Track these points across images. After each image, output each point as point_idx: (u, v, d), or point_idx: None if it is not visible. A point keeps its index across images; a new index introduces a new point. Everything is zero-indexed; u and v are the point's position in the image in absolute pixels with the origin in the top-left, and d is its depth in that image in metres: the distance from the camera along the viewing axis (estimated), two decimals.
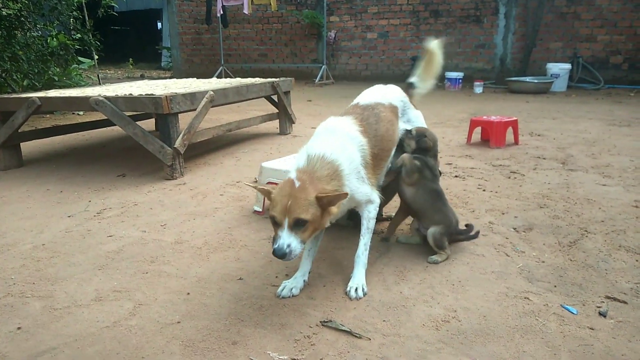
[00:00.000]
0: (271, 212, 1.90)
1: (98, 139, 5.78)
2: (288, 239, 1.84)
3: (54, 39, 8.15)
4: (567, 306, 2.00)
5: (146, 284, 2.25)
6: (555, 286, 2.18)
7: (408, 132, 2.63)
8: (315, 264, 2.31)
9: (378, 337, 1.82)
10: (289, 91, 5.84)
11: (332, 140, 2.14)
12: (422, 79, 3.02)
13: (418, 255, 2.50)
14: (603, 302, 2.03)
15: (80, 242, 2.76)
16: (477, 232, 2.62)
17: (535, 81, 9.94)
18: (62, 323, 1.95)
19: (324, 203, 1.87)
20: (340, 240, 2.71)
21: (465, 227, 2.63)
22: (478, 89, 10.17)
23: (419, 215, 2.59)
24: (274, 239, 1.87)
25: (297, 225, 1.85)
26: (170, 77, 9.11)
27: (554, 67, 10.26)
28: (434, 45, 2.96)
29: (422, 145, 2.59)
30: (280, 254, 1.83)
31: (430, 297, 2.11)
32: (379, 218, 2.96)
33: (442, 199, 2.57)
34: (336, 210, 1.96)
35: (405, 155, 2.57)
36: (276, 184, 2.69)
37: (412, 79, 3.00)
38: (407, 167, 2.52)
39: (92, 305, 2.08)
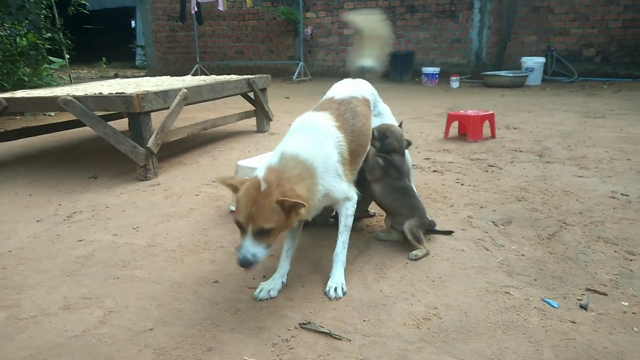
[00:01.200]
0: (235, 217, 1.84)
1: (69, 141, 5.62)
2: (252, 248, 1.79)
3: (24, 39, 7.92)
4: (548, 300, 1.99)
5: (117, 290, 2.16)
6: (535, 280, 2.16)
7: (372, 132, 2.59)
8: (294, 264, 2.25)
9: (358, 337, 1.78)
10: (266, 88, 5.76)
11: (308, 138, 2.08)
12: (374, 58, 2.97)
13: (398, 252, 2.46)
14: (584, 294, 2.02)
15: (48, 247, 2.65)
16: (451, 231, 2.66)
17: (511, 75, 10.03)
18: (28, 334, 1.86)
19: (285, 207, 1.80)
20: (319, 239, 2.65)
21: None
22: (454, 83, 10.21)
23: (391, 212, 2.57)
24: (238, 247, 1.81)
25: (261, 233, 1.80)
26: (145, 76, 8.93)
27: (529, 61, 10.36)
28: (365, 19, 2.92)
29: (386, 148, 2.56)
30: (246, 264, 1.78)
31: (410, 294, 2.07)
32: (365, 215, 2.92)
33: (411, 194, 2.56)
34: (304, 212, 1.89)
35: (370, 150, 2.55)
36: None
37: (368, 62, 2.95)
38: (369, 164, 2.49)
39: (60, 313, 1.99)
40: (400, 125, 2.70)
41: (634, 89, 8.95)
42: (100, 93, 3.92)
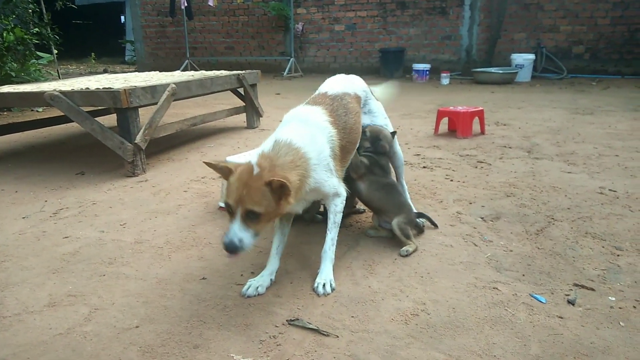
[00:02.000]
0: (226, 199, 1.82)
1: (57, 136, 5.56)
2: (240, 233, 1.77)
3: (11, 33, 7.81)
4: (535, 295, 1.99)
5: (103, 287, 2.14)
6: (523, 275, 2.16)
7: (362, 132, 2.59)
8: (282, 260, 2.23)
9: (346, 334, 1.77)
10: (256, 84, 5.73)
11: (302, 129, 2.08)
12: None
13: (386, 248, 2.46)
14: (571, 289, 2.03)
15: (34, 244, 2.62)
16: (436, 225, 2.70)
17: (500, 72, 10.06)
18: (12, 332, 1.83)
19: (274, 189, 1.77)
20: (308, 235, 2.64)
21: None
22: (445, 80, 10.23)
23: (378, 211, 2.56)
24: (226, 231, 1.79)
25: (250, 217, 1.78)
26: (134, 72, 8.86)
27: (519, 58, 10.40)
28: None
29: (378, 150, 2.60)
30: (231, 249, 1.76)
31: (399, 290, 2.07)
32: (352, 210, 2.91)
33: (397, 190, 2.58)
34: (293, 200, 1.87)
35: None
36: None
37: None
38: (353, 162, 2.49)
39: (45, 311, 1.97)
40: (393, 135, 2.72)
41: (622, 86, 9.01)
42: (87, 88, 3.87)
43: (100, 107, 4.85)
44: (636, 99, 7.38)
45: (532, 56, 10.43)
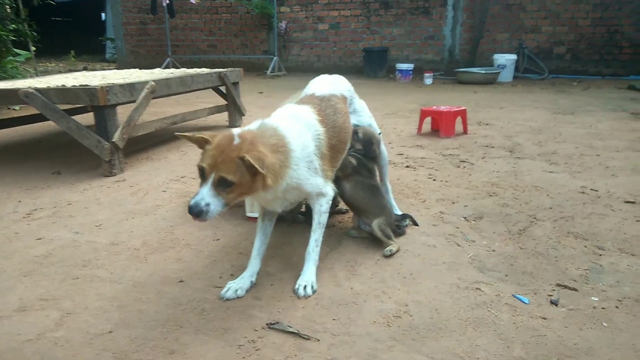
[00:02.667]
0: (200, 163, 1.76)
1: (34, 135, 5.41)
2: (208, 198, 1.70)
3: None
4: (518, 296, 1.97)
5: (76, 291, 2.06)
6: (506, 275, 2.15)
7: (354, 132, 2.56)
8: (263, 261, 2.18)
9: (327, 337, 1.73)
10: (238, 82, 5.66)
11: (290, 122, 2.04)
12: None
13: (369, 249, 2.42)
14: (554, 290, 2.02)
15: (5, 246, 2.52)
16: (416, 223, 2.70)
17: (483, 72, 10.12)
18: None
19: (247, 165, 1.71)
20: (290, 236, 2.59)
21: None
22: (428, 80, 10.25)
23: (359, 211, 2.53)
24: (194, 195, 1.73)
25: (222, 185, 1.72)
26: (114, 69, 8.71)
27: (501, 58, 10.47)
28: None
29: (369, 154, 2.60)
30: (196, 211, 1.69)
31: (381, 291, 2.03)
32: (335, 210, 2.87)
33: (380, 193, 2.57)
34: (272, 182, 1.83)
35: None
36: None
37: None
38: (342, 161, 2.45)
39: (15, 316, 1.89)
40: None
41: (602, 86, 9.13)
42: (64, 85, 3.77)
43: (77, 105, 4.73)
44: (616, 99, 7.48)
45: (514, 56, 10.52)
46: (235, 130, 1.85)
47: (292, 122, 2.05)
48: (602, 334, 1.72)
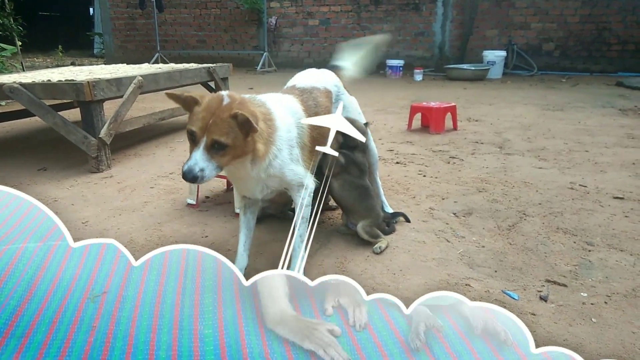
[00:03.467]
0: (190, 127, 1.72)
1: (20, 131, 5.34)
2: (202, 162, 1.68)
3: None
4: (508, 292, 1.97)
5: None
6: (495, 271, 2.14)
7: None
8: (251, 258, 2.16)
9: None
10: (227, 77, 5.62)
11: (276, 104, 2.03)
12: (355, 65, 2.94)
13: (359, 246, 2.41)
14: (543, 285, 2.02)
15: None
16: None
17: (473, 68, 10.14)
18: None
19: (239, 123, 1.68)
20: (279, 232, 2.57)
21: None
22: (418, 76, 10.26)
23: (346, 210, 2.51)
24: (187, 160, 1.70)
25: (215, 148, 1.69)
26: (102, 65, 8.62)
27: (490, 55, 10.49)
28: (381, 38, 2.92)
29: (349, 143, 2.45)
30: (190, 177, 1.67)
31: (371, 288, 2.00)
32: (325, 207, 2.85)
33: (369, 194, 2.51)
34: (262, 148, 1.81)
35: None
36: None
37: (341, 63, 2.92)
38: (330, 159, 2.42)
39: None
40: (366, 125, 2.64)
41: (591, 83, 9.19)
42: (49, 80, 3.72)
43: (64, 101, 4.68)
44: (604, 95, 7.52)
45: (503, 53, 10.55)
46: (224, 92, 1.81)
47: (279, 106, 2.04)
48: (591, 330, 1.72)
